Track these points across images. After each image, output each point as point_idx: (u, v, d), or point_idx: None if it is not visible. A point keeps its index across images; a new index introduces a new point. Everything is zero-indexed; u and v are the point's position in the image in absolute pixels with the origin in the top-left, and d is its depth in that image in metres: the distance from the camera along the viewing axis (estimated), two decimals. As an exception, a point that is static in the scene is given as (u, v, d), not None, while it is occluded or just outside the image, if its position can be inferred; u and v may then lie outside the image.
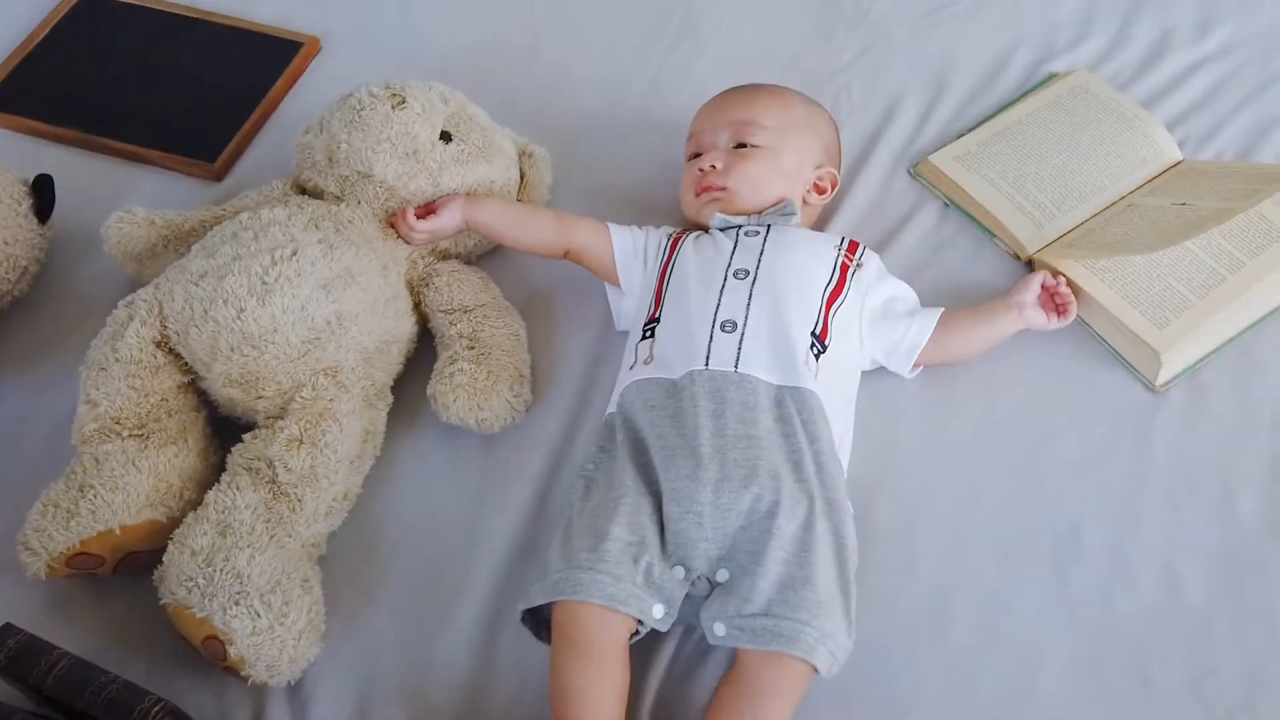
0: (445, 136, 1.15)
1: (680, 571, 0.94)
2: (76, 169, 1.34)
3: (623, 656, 0.93)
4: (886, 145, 1.33)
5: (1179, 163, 1.27)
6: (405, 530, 1.07)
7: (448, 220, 1.14)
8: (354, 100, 1.13)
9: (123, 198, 1.29)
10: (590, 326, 1.19)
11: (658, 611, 0.92)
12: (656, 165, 1.28)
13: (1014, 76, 1.38)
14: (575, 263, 1.17)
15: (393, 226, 1.15)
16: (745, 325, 1.03)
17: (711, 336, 1.02)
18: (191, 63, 1.44)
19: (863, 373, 1.11)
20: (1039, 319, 1.11)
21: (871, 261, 1.13)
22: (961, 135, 1.31)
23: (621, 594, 0.91)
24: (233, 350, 1.01)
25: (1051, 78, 1.36)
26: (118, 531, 0.97)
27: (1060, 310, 1.12)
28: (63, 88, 1.41)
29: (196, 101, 1.40)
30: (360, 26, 1.48)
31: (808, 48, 1.43)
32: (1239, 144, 1.30)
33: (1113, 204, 1.23)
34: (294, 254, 1.05)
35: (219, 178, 1.33)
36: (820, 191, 1.19)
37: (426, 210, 1.14)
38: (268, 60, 1.43)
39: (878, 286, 1.11)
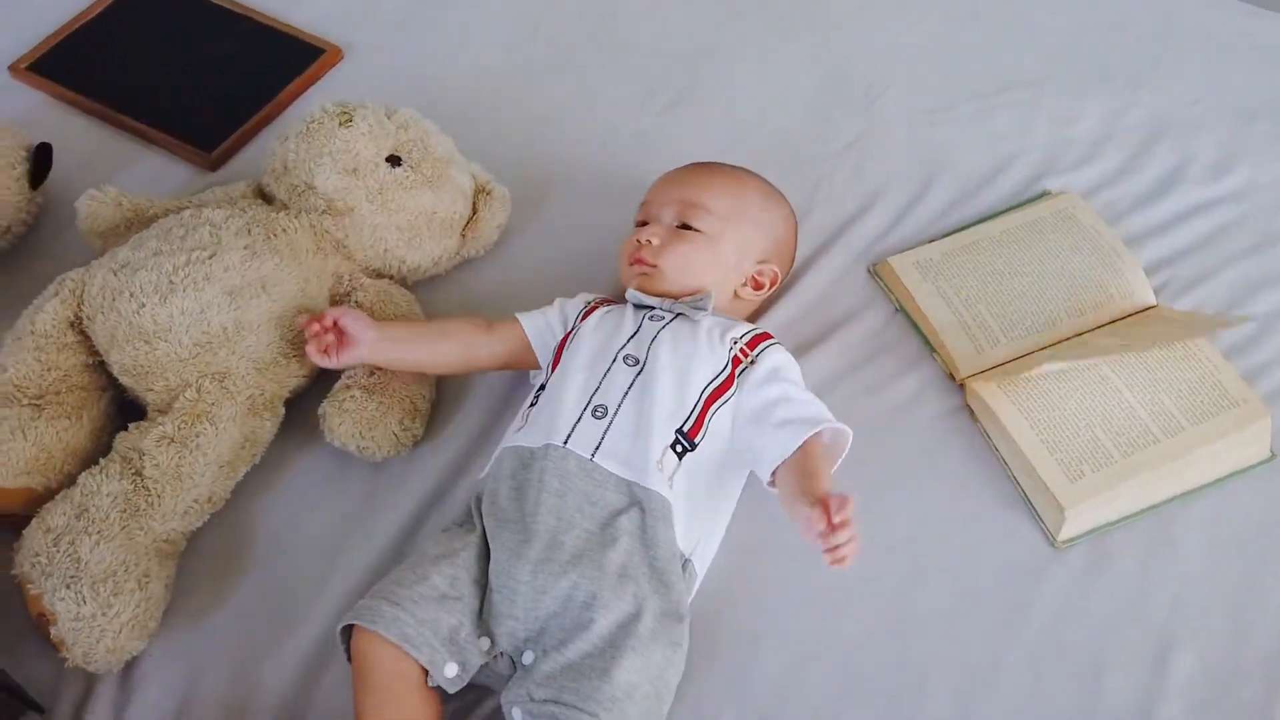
0: (394, 160, 1.18)
1: (486, 643, 0.94)
2: (90, 140, 1.42)
3: (418, 696, 0.91)
4: (854, 238, 1.28)
5: (1152, 307, 1.19)
6: (271, 543, 1.09)
7: (353, 356, 1.08)
8: (309, 114, 1.18)
9: (120, 174, 1.36)
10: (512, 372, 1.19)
11: (450, 670, 0.91)
12: (616, 224, 1.26)
13: (1006, 189, 1.32)
14: (506, 369, 1.15)
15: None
16: (616, 414, 1.01)
17: (580, 418, 1.01)
18: (223, 55, 1.50)
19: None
20: (806, 522, 0.93)
21: (766, 361, 1.06)
22: (931, 241, 1.26)
23: (416, 638, 0.90)
24: (127, 342, 1.06)
25: (1042, 195, 1.30)
26: (-10, 493, 1.02)
27: (838, 560, 0.91)
28: (101, 63, 1.49)
29: (215, 92, 1.46)
30: (384, 43, 1.52)
31: (802, 128, 1.40)
32: (1223, 297, 1.21)
33: (1065, 339, 1.16)
34: (211, 256, 1.09)
35: (214, 168, 1.39)
36: (758, 287, 1.15)
37: (337, 330, 1.08)
38: (289, 63, 1.48)
39: (761, 389, 1.04)
